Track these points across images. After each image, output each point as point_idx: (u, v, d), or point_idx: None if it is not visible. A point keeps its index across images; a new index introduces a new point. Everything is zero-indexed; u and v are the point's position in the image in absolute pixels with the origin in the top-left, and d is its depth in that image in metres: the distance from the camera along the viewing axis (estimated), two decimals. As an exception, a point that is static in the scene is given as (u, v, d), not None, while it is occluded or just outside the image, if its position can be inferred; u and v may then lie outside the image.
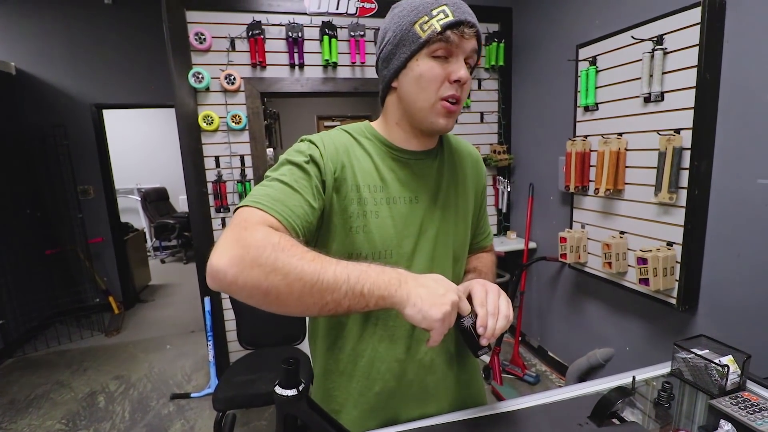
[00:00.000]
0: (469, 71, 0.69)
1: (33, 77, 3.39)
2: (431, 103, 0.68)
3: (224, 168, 2.34)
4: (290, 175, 0.64)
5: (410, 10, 0.67)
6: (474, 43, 0.68)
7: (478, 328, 0.61)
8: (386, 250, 0.72)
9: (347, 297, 0.53)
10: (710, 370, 0.85)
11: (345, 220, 0.70)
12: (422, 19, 0.66)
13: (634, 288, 1.79)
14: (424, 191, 0.75)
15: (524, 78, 2.61)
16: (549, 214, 2.48)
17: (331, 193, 0.68)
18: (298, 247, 0.54)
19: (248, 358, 1.94)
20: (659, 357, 1.75)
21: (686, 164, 1.52)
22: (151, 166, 6.13)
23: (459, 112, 0.71)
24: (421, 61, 0.67)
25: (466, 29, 0.65)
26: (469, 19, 0.66)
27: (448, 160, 0.81)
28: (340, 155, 0.70)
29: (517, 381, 2.46)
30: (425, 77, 0.67)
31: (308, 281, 0.52)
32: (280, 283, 0.51)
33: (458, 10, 0.66)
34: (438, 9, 0.65)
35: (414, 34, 0.66)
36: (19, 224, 3.24)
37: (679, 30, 1.51)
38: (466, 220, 0.82)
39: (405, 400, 0.77)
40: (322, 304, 0.53)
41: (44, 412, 2.33)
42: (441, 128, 0.70)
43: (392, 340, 0.74)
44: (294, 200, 0.61)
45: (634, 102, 1.72)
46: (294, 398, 0.56)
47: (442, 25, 0.64)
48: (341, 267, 0.54)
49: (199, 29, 2.17)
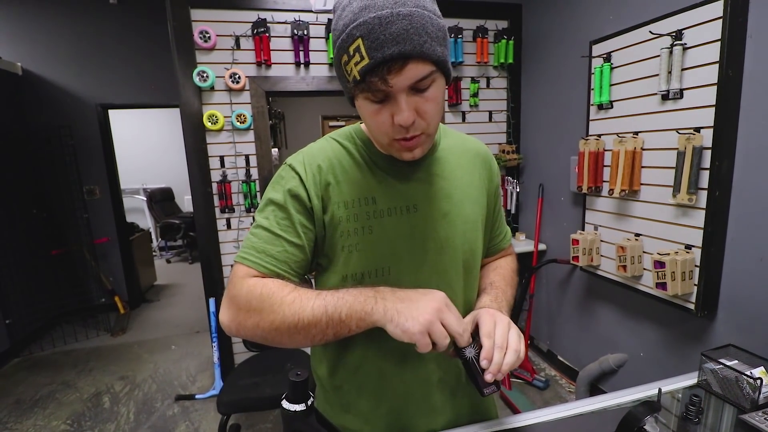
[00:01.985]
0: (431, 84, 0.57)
1: (39, 77, 3.40)
2: (387, 141, 0.62)
3: (229, 168, 2.31)
4: (273, 218, 0.65)
5: (336, 40, 0.55)
6: (413, 72, 0.53)
7: (482, 361, 0.57)
8: (384, 267, 0.67)
9: (330, 326, 0.57)
10: (741, 382, 0.80)
11: (336, 241, 0.66)
12: (344, 59, 0.54)
13: (649, 292, 1.73)
14: (422, 198, 0.69)
15: (534, 76, 2.56)
16: (560, 216, 2.43)
17: (320, 216, 0.66)
18: (280, 293, 0.60)
19: (253, 360, 1.92)
20: (675, 364, 1.72)
21: (706, 164, 1.46)
22: (156, 166, 6.14)
23: (427, 138, 0.62)
24: (360, 102, 0.59)
25: (385, 71, 0.52)
26: (389, 53, 0.50)
27: (449, 160, 0.73)
28: (324, 174, 0.66)
29: (526, 386, 2.41)
30: (369, 120, 0.60)
31: (291, 323, 0.58)
32: (269, 330, 0.60)
33: (374, 44, 0.50)
34: (353, 47, 0.52)
35: (344, 75, 0.56)
36: (25, 224, 3.24)
37: (700, 25, 1.45)
38: (476, 226, 0.74)
39: (412, 417, 0.74)
40: (310, 338, 0.59)
41: (50, 413, 2.32)
42: (406, 160, 0.64)
43: (396, 361, 0.70)
44: (277, 247, 0.64)
45: (651, 100, 1.67)
46: (302, 413, 0.54)
47: (360, 72, 0.52)
48: (319, 300, 0.58)
49: (203, 27, 2.14)
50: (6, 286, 2.94)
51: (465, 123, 2.63)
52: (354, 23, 0.52)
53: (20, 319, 3.04)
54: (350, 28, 0.52)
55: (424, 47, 0.52)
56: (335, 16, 0.56)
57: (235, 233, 2.37)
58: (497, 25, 2.57)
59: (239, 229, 2.37)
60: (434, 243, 0.69)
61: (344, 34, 0.53)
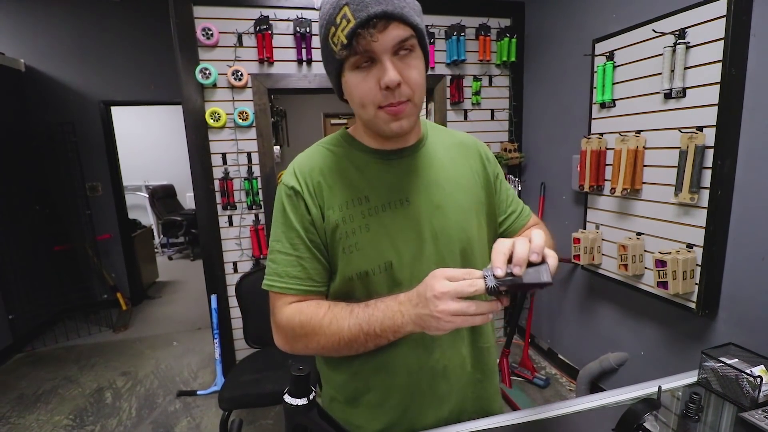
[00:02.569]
0: (411, 52, 0.60)
1: (42, 74, 3.41)
2: (372, 114, 0.63)
3: (231, 165, 2.32)
4: (285, 239, 0.69)
5: (322, 21, 0.60)
6: (395, 32, 0.57)
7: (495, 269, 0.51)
8: (386, 263, 0.68)
9: (369, 340, 0.63)
10: (741, 380, 0.80)
11: (337, 244, 0.68)
12: (332, 32, 0.58)
13: (651, 291, 1.73)
14: (414, 190, 0.70)
15: (537, 74, 2.56)
16: (561, 214, 2.43)
17: (321, 224, 0.69)
18: (316, 317, 0.65)
19: (254, 357, 1.93)
20: (676, 363, 1.72)
21: (709, 163, 1.46)
22: (158, 163, 6.15)
23: (413, 107, 0.63)
24: (348, 77, 0.62)
25: (371, 30, 0.55)
26: (374, 11, 0.55)
27: (438, 152, 0.75)
28: (316, 182, 0.69)
29: (526, 384, 2.41)
30: (356, 93, 0.62)
31: (334, 343, 0.64)
32: (316, 350, 0.67)
33: (359, 6, 0.55)
34: (340, 15, 0.56)
35: (331, 51, 0.60)
36: (27, 221, 3.26)
37: (703, 23, 1.45)
38: (470, 214, 0.74)
39: (419, 408, 0.74)
40: (354, 350, 0.65)
41: (52, 407, 2.34)
42: (395, 132, 0.64)
43: (401, 352, 0.71)
44: (296, 267, 0.69)
45: (654, 98, 1.66)
46: (304, 407, 0.54)
47: (347, 35, 0.56)
48: (353, 318, 0.63)
49: (206, 24, 2.14)
50: (9, 282, 2.95)
51: (467, 121, 2.63)
52: None
53: (23, 315, 3.06)
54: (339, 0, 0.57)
55: (404, 11, 0.57)
56: (320, 10, 0.62)
57: (237, 230, 2.37)
58: (500, 23, 2.56)
59: (241, 226, 2.38)
60: (430, 233, 0.70)
61: (331, 8, 0.58)
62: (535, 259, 0.52)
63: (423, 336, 0.71)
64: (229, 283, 2.39)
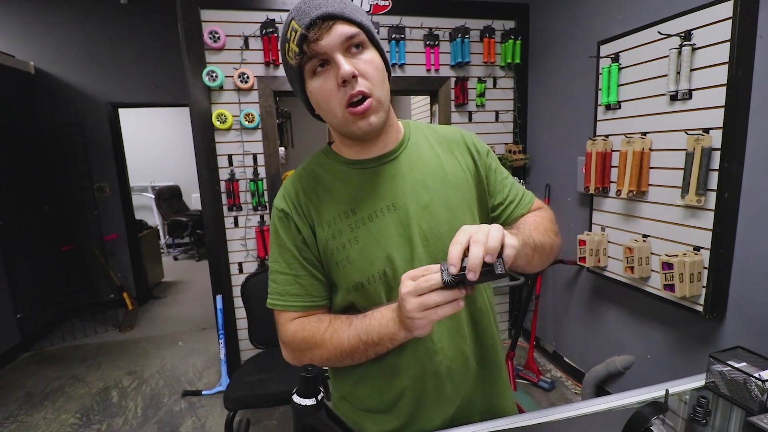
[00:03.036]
0: (363, 48, 0.62)
1: (51, 76, 3.45)
2: (340, 117, 0.64)
3: (237, 167, 2.33)
4: (282, 260, 0.72)
5: (280, 46, 0.66)
6: (340, 30, 0.59)
7: (449, 266, 0.53)
8: (379, 272, 0.68)
9: (369, 349, 0.65)
10: (750, 384, 0.80)
11: (330, 259, 0.70)
12: (286, 48, 0.63)
13: (657, 294, 1.73)
14: (400, 194, 0.70)
15: (541, 76, 2.55)
16: (566, 216, 2.42)
17: (313, 241, 0.71)
18: (317, 332, 0.68)
19: (259, 357, 1.94)
20: (683, 366, 1.71)
21: (715, 165, 1.45)
22: (165, 164, 6.20)
23: (378, 103, 0.63)
24: (310, 87, 0.65)
25: (315, 31, 0.59)
26: (315, 14, 0.58)
27: (421, 152, 0.74)
28: (303, 203, 0.71)
29: (531, 386, 2.40)
30: (321, 99, 0.64)
31: (336, 354, 0.67)
32: (321, 362, 0.69)
33: (302, 15, 0.59)
34: (289, 30, 0.61)
35: (290, 67, 0.64)
36: (36, 220, 3.30)
37: (709, 25, 1.44)
38: (462, 211, 0.73)
39: (428, 411, 0.74)
40: (356, 360, 0.68)
41: (59, 406, 2.36)
42: (365, 131, 0.64)
43: (404, 358, 0.71)
44: (294, 285, 0.71)
45: (660, 100, 1.66)
46: (313, 408, 0.54)
47: (297, 43, 0.60)
48: (352, 330, 0.66)
49: (213, 28, 2.16)
50: (17, 281, 2.99)
51: (471, 123, 2.63)
52: (290, 14, 0.62)
53: (31, 314, 3.10)
54: (288, 18, 0.62)
55: (345, 11, 0.61)
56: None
57: (243, 231, 2.39)
58: (504, 25, 2.56)
59: (246, 227, 2.39)
60: (419, 236, 0.69)
61: (283, 29, 0.63)
62: (489, 260, 0.52)
63: (424, 341, 0.71)
64: (234, 284, 2.40)
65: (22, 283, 3.03)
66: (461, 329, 0.75)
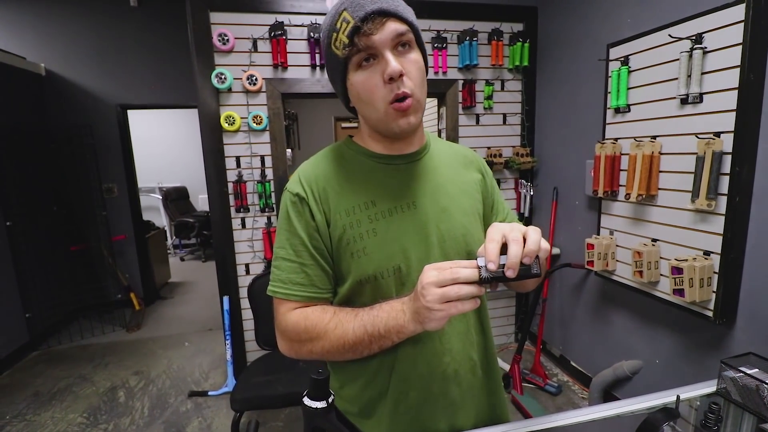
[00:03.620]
0: (410, 48, 0.64)
1: (61, 78, 3.50)
2: (381, 112, 0.65)
3: (245, 168, 2.35)
4: (288, 246, 0.70)
5: (325, 33, 0.65)
6: (392, 26, 0.61)
7: (488, 263, 0.53)
8: (394, 266, 0.69)
9: (374, 342, 0.64)
10: (762, 391, 0.79)
11: (344, 248, 0.69)
12: (333, 38, 0.62)
13: (666, 299, 1.71)
14: (420, 194, 0.72)
15: (549, 79, 2.55)
16: (574, 220, 2.41)
17: (326, 230, 0.70)
18: (321, 322, 0.67)
19: (266, 359, 1.94)
20: (692, 372, 1.69)
21: (727, 169, 1.44)
22: (172, 165, 6.25)
23: (417, 103, 0.65)
24: (353, 79, 0.64)
25: (369, 25, 0.59)
26: (370, 9, 0.59)
27: (441, 159, 0.77)
28: (321, 189, 0.70)
29: (538, 391, 2.39)
30: (363, 92, 0.64)
31: (338, 346, 0.65)
32: (321, 354, 0.67)
33: (356, 7, 0.60)
34: (340, 19, 0.61)
35: (334, 57, 0.64)
36: (46, 221, 3.33)
37: (721, 28, 1.43)
38: (475, 218, 0.77)
39: (433, 414, 0.74)
40: (358, 353, 0.66)
41: (67, 405, 2.38)
42: (404, 129, 0.66)
43: (412, 358, 0.72)
44: (299, 274, 0.70)
45: (670, 104, 1.65)
46: (323, 410, 0.54)
47: (348, 35, 0.60)
48: (358, 321, 0.64)
49: (222, 30, 2.18)
50: (26, 281, 3.02)
51: (479, 125, 2.63)
52: (341, 5, 0.61)
53: (39, 314, 3.13)
54: (338, 8, 0.62)
55: (399, 9, 0.62)
56: (323, 21, 0.66)
57: (250, 232, 2.40)
58: (512, 27, 2.56)
59: (253, 229, 2.40)
60: (436, 236, 0.71)
61: (332, 18, 0.62)
62: (527, 262, 0.54)
63: (433, 340, 0.71)
64: (241, 285, 2.42)
65: (31, 283, 3.06)
66: (470, 334, 0.75)
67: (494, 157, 2.62)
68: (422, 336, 0.70)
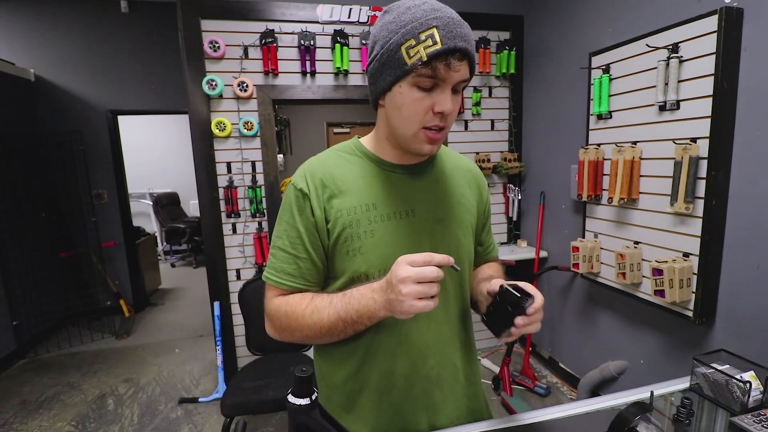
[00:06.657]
0: (459, 93, 0.67)
1: (51, 84, 3.48)
2: (413, 131, 0.67)
3: (236, 174, 2.36)
4: (285, 237, 0.74)
5: (399, 28, 0.62)
6: (465, 72, 0.63)
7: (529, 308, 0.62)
8: (386, 268, 0.70)
9: (348, 326, 0.67)
10: (731, 386, 0.82)
11: (341, 245, 0.72)
12: (409, 43, 0.60)
13: (648, 299, 1.75)
14: (420, 203, 0.75)
15: (536, 86, 2.61)
16: (560, 223, 2.46)
17: (324, 226, 0.72)
18: (299, 308, 0.71)
19: (256, 364, 1.94)
20: (675, 370, 1.73)
21: (703, 174, 1.49)
22: (163, 171, 6.22)
23: (445, 135, 0.69)
24: (404, 88, 0.64)
25: (454, 61, 0.60)
26: (460, 45, 0.60)
27: (445, 171, 0.80)
28: (326, 186, 0.72)
29: (527, 392, 2.42)
30: (406, 107, 0.65)
31: (315, 331, 0.69)
32: (302, 338, 0.72)
33: (449, 34, 0.59)
34: (426, 33, 0.59)
35: (400, 59, 0.62)
36: (34, 227, 3.30)
37: (696, 38, 1.49)
38: (468, 231, 0.81)
39: (414, 413, 0.76)
40: (335, 337, 0.70)
41: (54, 414, 2.35)
42: (425, 153, 0.71)
43: (397, 356, 0.74)
44: (292, 265, 0.73)
45: (649, 110, 1.70)
46: (307, 407, 0.56)
47: (429, 54, 0.59)
48: (332, 307, 0.68)
49: (213, 37, 2.20)
50: (14, 288, 2.99)
51: (468, 131, 2.67)
52: (430, 16, 0.60)
53: (27, 321, 3.09)
54: (427, 17, 0.60)
55: (475, 57, 0.65)
56: (391, 14, 0.65)
57: (241, 238, 2.41)
58: (499, 36, 2.62)
59: (244, 234, 2.41)
60: (430, 246, 0.74)
61: (417, 22, 0.60)
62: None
63: (418, 341, 0.74)
64: (232, 290, 2.42)
65: (19, 290, 3.03)
66: (455, 341, 0.79)
67: (483, 162, 2.67)
68: (407, 336, 0.73)
